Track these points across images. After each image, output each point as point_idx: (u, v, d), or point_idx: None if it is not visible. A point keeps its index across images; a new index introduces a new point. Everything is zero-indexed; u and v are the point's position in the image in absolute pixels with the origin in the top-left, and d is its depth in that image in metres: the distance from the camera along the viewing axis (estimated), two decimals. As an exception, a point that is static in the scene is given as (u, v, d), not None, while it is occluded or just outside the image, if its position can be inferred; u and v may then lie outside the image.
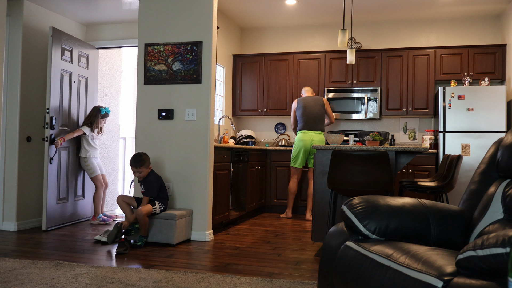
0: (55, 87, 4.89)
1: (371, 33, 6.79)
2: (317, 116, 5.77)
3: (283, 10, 6.39)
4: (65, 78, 5.08)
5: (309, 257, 3.77)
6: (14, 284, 2.82)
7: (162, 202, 4.21)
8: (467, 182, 5.55)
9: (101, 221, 5.32)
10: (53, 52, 4.82)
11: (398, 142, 6.60)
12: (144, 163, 4.15)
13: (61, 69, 4.99)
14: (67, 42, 5.09)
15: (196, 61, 4.45)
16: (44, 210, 4.76)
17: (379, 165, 3.50)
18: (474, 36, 6.41)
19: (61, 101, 5.01)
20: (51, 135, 4.82)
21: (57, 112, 4.93)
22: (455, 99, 5.70)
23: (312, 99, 5.87)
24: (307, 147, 5.73)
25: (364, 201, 1.91)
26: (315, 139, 5.72)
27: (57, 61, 4.92)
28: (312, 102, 5.83)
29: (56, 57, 4.89)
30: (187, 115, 4.46)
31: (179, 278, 3.02)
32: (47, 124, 4.77)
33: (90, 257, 3.66)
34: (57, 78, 4.92)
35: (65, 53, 5.07)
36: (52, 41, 4.80)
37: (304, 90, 6.11)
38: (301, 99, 5.91)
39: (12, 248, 3.95)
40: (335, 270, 1.81)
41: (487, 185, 2.01)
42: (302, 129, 5.78)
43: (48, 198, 4.79)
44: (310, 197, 5.84)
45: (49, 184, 4.82)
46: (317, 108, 5.80)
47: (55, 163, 4.91)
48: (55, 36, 4.85)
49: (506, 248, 1.16)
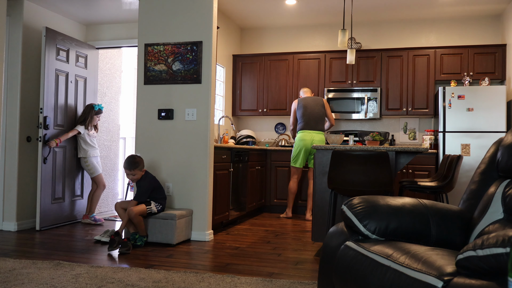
0: (50, 87, 4.91)
1: (371, 33, 6.79)
2: (317, 116, 5.79)
3: (283, 10, 6.39)
4: (60, 78, 5.09)
5: (309, 257, 3.77)
6: (14, 284, 2.82)
7: (158, 202, 4.19)
8: (467, 182, 5.55)
9: (92, 220, 5.27)
10: (47, 52, 4.84)
11: (398, 142, 6.60)
12: (137, 166, 4.11)
13: (56, 69, 5.01)
14: (62, 42, 5.10)
15: (196, 61, 4.45)
16: (37, 209, 4.77)
17: (379, 165, 3.50)
18: (474, 36, 6.41)
19: (56, 101, 5.01)
20: (45, 135, 4.83)
21: (52, 112, 4.92)
22: (455, 99, 5.70)
23: (312, 99, 5.88)
24: (308, 147, 5.73)
25: (364, 201, 1.91)
26: (315, 139, 5.72)
27: (52, 61, 4.93)
28: (312, 102, 5.84)
29: (50, 57, 4.90)
30: (187, 115, 4.46)
31: (179, 278, 3.02)
32: (41, 124, 4.78)
33: (90, 257, 3.66)
34: (51, 78, 4.93)
35: (60, 53, 5.08)
36: (45, 41, 4.82)
37: (302, 91, 6.11)
38: (302, 99, 5.92)
39: (12, 248, 3.95)
40: (335, 270, 1.81)
41: (487, 185, 2.01)
42: (302, 128, 5.79)
43: (42, 197, 4.80)
44: (310, 197, 5.84)
45: (43, 183, 4.82)
46: (317, 108, 5.81)
47: (49, 163, 4.91)
48: (48, 36, 4.87)
49: (506, 248, 1.16)
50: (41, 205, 4.79)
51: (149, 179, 4.20)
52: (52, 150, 4.93)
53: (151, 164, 4.55)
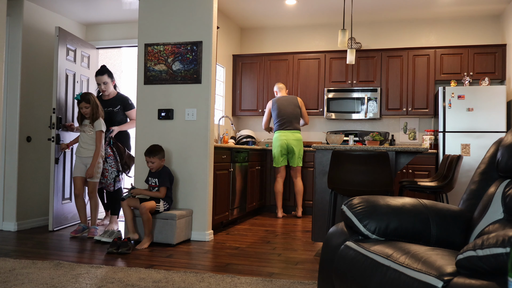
0: (61, 88, 4.90)
1: (371, 33, 6.79)
2: (291, 116, 5.98)
3: (283, 10, 6.39)
4: (69, 78, 5.09)
5: (309, 257, 3.77)
6: (14, 284, 2.82)
7: (167, 201, 4.21)
8: (467, 182, 5.55)
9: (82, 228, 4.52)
10: (59, 52, 4.82)
11: (398, 142, 6.60)
12: (157, 154, 4.19)
13: (66, 69, 5.00)
14: (71, 42, 5.10)
15: (196, 61, 4.45)
16: (50, 210, 4.74)
17: (379, 165, 3.50)
18: (474, 36, 6.41)
19: (66, 101, 5.01)
20: (58, 135, 4.80)
21: (61, 113, 4.92)
22: (455, 99, 5.70)
23: (286, 99, 6.06)
24: (284, 146, 5.92)
25: (364, 201, 1.91)
26: (290, 138, 5.93)
27: (63, 61, 4.92)
28: (286, 102, 6.04)
29: (61, 57, 4.89)
30: (187, 115, 4.46)
31: (179, 278, 3.02)
32: (53, 124, 4.75)
33: (90, 257, 3.66)
34: (63, 78, 4.92)
35: (69, 53, 5.08)
36: (58, 41, 4.79)
37: (278, 87, 6.23)
38: (276, 100, 6.08)
39: (12, 248, 3.95)
40: (335, 270, 1.81)
41: (487, 185, 2.01)
42: (278, 129, 6.00)
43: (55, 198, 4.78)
44: (298, 194, 5.99)
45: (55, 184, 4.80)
46: (291, 108, 6.01)
47: (61, 163, 4.90)
48: (61, 36, 4.84)
49: (506, 248, 1.16)
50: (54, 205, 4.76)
51: (168, 171, 4.27)
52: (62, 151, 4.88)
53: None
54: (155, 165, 4.19)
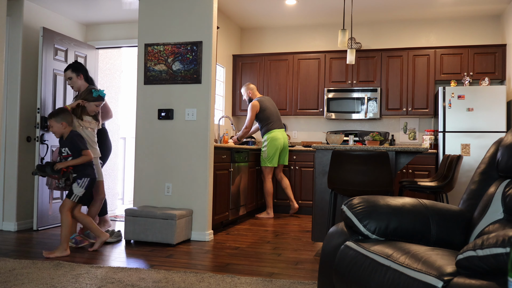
0: (48, 87, 4.91)
1: (371, 33, 6.79)
2: (278, 115, 6.15)
3: (283, 10, 6.39)
4: (58, 78, 5.09)
5: (309, 257, 3.77)
6: (14, 284, 2.82)
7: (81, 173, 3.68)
8: (467, 182, 5.55)
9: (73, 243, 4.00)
10: (44, 52, 4.84)
11: (398, 142, 6.60)
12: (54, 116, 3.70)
13: (54, 69, 5.01)
14: (61, 42, 5.10)
15: (196, 61, 4.45)
16: (35, 209, 4.76)
17: (379, 165, 3.50)
18: (474, 36, 6.41)
19: (54, 102, 5.01)
20: (42, 134, 4.82)
21: (47, 112, 4.90)
22: (455, 99, 5.70)
23: (268, 100, 6.17)
24: (281, 145, 5.98)
25: (364, 201, 1.91)
26: (285, 137, 6.05)
27: (49, 61, 4.93)
28: (268, 102, 6.13)
29: (48, 57, 4.90)
30: (187, 115, 4.46)
31: (179, 278, 3.02)
32: (38, 124, 4.79)
33: (90, 257, 3.66)
34: (49, 78, 4.94)
35: (58, 53, 5.08)
36: (42, 41, 4.82)
37: (252, 88, 6.20)
38: (262, 100, 6.08)
39: (12, 248, 3.95)
40: (335, 270, 1.81)
41: (487, 185, 2.01)
42: (274, 128, 6.03)
43: (40, 197, 4.79)
44: (288, 188, 6.05)
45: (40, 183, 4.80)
46: (275, 107, 6.16)
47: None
48: (46, 36, 4.87)
49: (506, 248, 1.16)
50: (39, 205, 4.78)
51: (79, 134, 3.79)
52: (50, 149, 4.91)
53: (151, 163, 4.55)
54: (55, 130, 3.73)
